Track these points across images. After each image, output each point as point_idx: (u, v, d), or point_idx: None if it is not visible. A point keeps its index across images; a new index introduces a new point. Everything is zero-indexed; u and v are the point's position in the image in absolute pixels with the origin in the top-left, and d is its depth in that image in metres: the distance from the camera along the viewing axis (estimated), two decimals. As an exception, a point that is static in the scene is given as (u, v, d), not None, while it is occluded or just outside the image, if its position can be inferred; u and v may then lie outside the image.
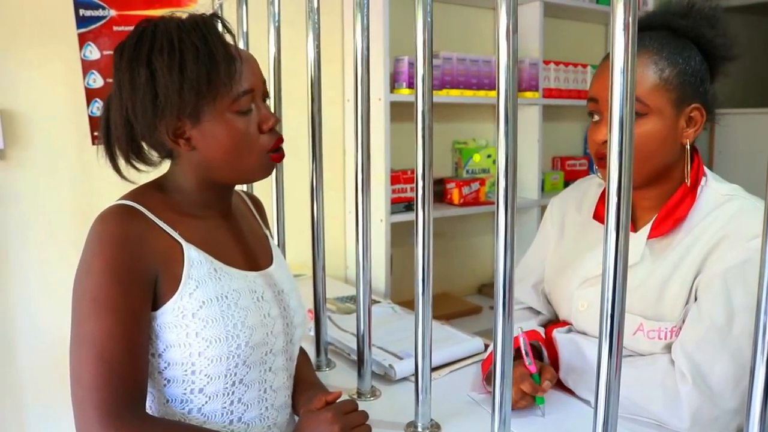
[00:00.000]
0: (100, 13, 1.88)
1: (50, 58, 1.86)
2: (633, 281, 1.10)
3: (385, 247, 2.16)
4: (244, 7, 1.58)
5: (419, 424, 1.07)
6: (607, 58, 1.12)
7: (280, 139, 1.02)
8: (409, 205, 2.28)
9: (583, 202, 1.32)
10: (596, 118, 1.14)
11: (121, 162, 1.01)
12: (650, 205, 1.17)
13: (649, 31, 1.13)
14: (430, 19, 0.96)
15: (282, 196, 1.49)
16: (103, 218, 0.92)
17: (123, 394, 0.88)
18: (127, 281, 0.90)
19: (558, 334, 1.23)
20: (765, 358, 0.62)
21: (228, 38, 0.99)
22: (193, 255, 0.97)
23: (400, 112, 2.20)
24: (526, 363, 1.12)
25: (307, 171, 1.34)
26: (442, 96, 2.29)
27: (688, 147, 1.11)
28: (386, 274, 2.15)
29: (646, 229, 1.15)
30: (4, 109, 1.80)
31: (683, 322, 1.08)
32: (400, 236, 2.28)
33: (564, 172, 2.93)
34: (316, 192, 1.31)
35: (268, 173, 1.04)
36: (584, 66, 2.74)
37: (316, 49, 1.29)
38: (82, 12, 1.86)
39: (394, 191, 2.20)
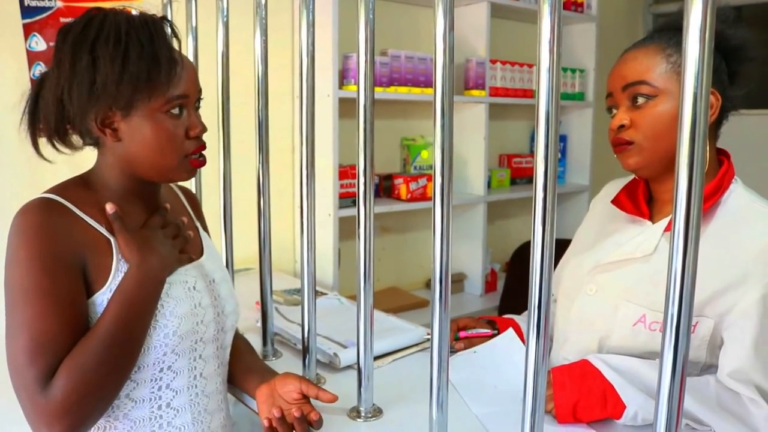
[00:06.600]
0: (46, 3, 1.85)
1: (-7, 48, 1.83)
2: (642, 272, 1.13)
3: (333, 241, 2.18)
4: (194, 2, 1.58)
5: (362, 409, 1.11)
6: (618, 58, 1.16)
7: (203, 146, 1.05)
8: (357, 200, 2.30)
9: (617, 190, 1.31)
10: (614, 112, 1.16)
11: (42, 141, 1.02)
12: (670, 199, 1.14)
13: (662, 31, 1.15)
14: (372, 17, 1.00)
15: (229, 191, 1.50)
16: (23, 211, 0.94)
17: (56, 360, 0.89)
18: (53, 268, 0.91)
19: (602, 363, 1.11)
20: (672, 346, 0.68)
21: (174, 43, 1.03)
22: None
23: (348, 108, 2.22)
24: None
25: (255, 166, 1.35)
26: (391, 93, 2.32)
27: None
28: (334, 268, 2.18)
29: (663, 222, 1.16)
30: (-56, 100, 1.76)
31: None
32: (349, 230, 2.30)
33: (510, 169, 3.01)
34: (262, 187, 1.33)
35: (188, 176, 1.06)
36: (530, 66, 2.80)
37: (263, 45, 1.31)
38: (27, 2, 1.83)
39: (342, 186, 2.22)
